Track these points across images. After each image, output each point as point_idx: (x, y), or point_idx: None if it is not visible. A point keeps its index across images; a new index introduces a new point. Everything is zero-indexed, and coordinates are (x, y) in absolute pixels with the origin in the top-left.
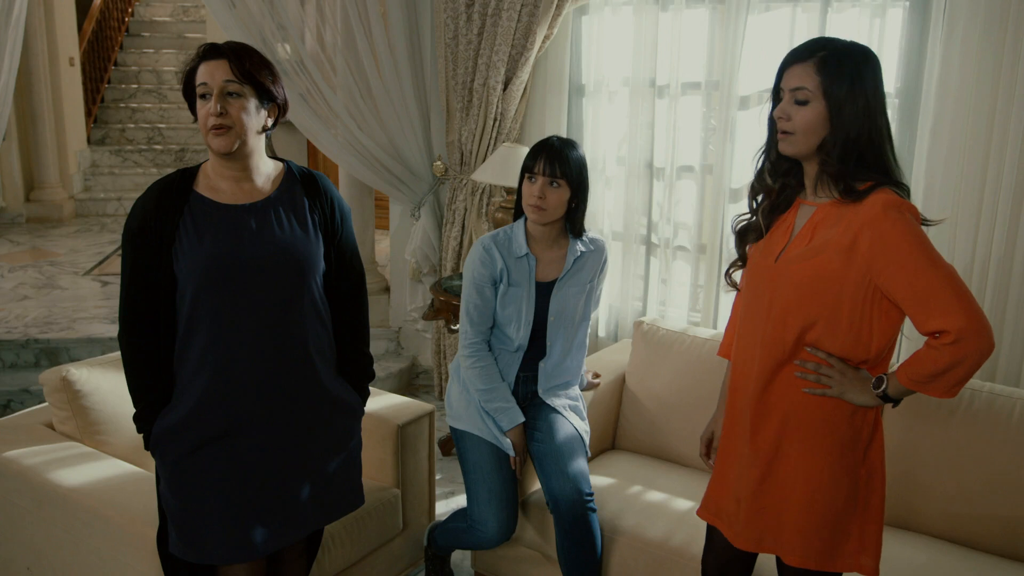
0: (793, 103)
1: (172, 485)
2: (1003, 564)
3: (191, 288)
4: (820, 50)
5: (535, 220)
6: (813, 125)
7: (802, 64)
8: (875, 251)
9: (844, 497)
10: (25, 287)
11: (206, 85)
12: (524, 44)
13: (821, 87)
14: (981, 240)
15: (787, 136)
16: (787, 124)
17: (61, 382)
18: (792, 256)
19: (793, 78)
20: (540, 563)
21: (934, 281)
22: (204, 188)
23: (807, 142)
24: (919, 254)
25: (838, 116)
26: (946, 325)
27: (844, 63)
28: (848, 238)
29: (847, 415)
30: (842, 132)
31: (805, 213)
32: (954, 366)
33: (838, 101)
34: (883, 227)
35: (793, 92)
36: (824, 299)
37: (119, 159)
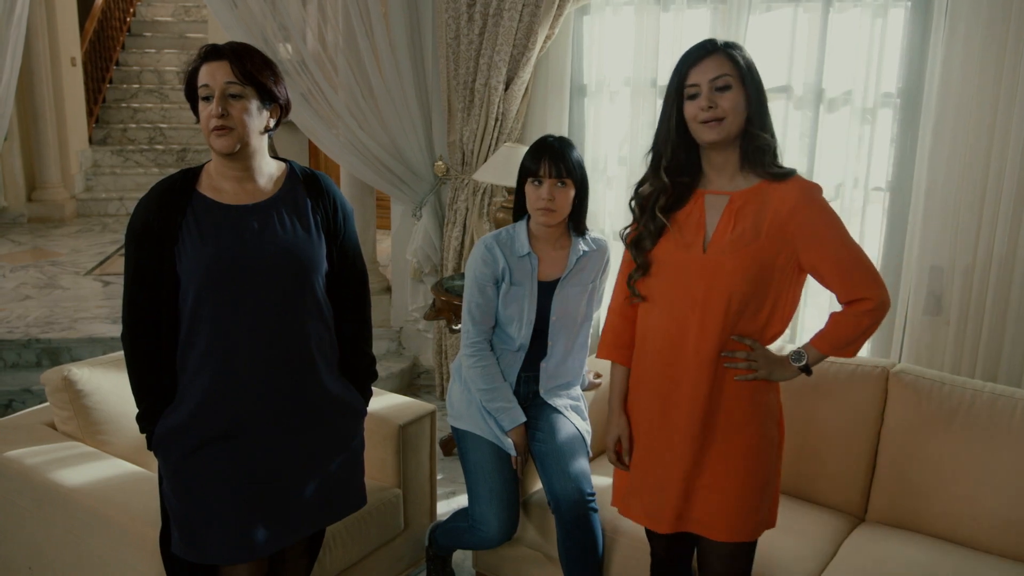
0: (714, 91)
1: (174, 485)
2: (1005, 565)
3: (193, 288)
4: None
5: (545, 223)
6: (739, 107)
7: (712, 56)
8: (804, 232)
9: (771, 468)
10: (27, 287)
11: (208, 87)
12: (525, 44)
13: (736, 71)
14: (983, 240)
15: (718, 123)
16: (716, 111)
17: (62, 382)
18: (724, 245)
19: (709, 70)
20: (541, 563)
21: (853, 256)
22: (207, 188)
23: (737, 123)
24: (840, 233)
25: (752, 97)
26: (867, 294)
27: (742, 52)
28: (778, 221)
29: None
30: (760, 115)
31: (716, 202)
32: (870, 327)
33: (755, 85)
34: (812, 209)
35: (713, 81)
36: (765, 282)
37: (121, 159)
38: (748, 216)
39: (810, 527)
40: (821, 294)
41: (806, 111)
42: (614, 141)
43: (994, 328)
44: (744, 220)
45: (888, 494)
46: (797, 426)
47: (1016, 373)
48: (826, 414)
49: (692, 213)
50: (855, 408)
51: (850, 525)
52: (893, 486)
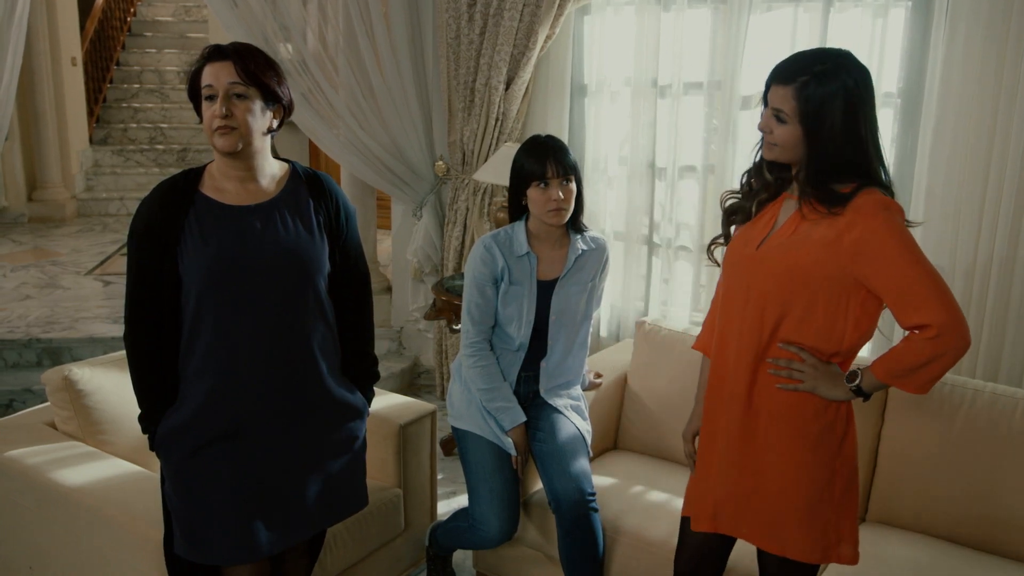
0: (774, 119)
1: (176, 485)
2: (1005, 564)
3: (196, 289)
4: (802, 74)
5: (557, 223)
6: (792, 143)
7: (784, 87)
8: (861, 247)
9: (820, 489)
10: (27, 287)
11: (211, 87)
12: (526, 44)
13: (797, 112)
14: (983, 240)
15: (771, 146)
16: (770, 136)
17: (63, 382)
18: (773, 245)
19: (775, 98)
20: (542, 563)
21: (919, 278)
22: (209, 189)
23: (787, 155)
24: (906, 251)
25: (815, 138)
26: (928, 320)
27: (822, 89)
28: (834, 231)
29: (819, 409)
30: (818, 152)
31: (790, 207)
32: (933, 360)
33: (814, 127)
34: (872, 224)
35: (774, 110)
36: (801, 290)
37: (121, 159)
38: (809, 223)
39: None
40: None
41: None
42: (615, 141)
43: (995, 328)
44: (804, 227)
45: (888, 494)
46: None
47: (1017, 373)
48: None
49: (771, 210)
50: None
51: None
52: (894, 486)
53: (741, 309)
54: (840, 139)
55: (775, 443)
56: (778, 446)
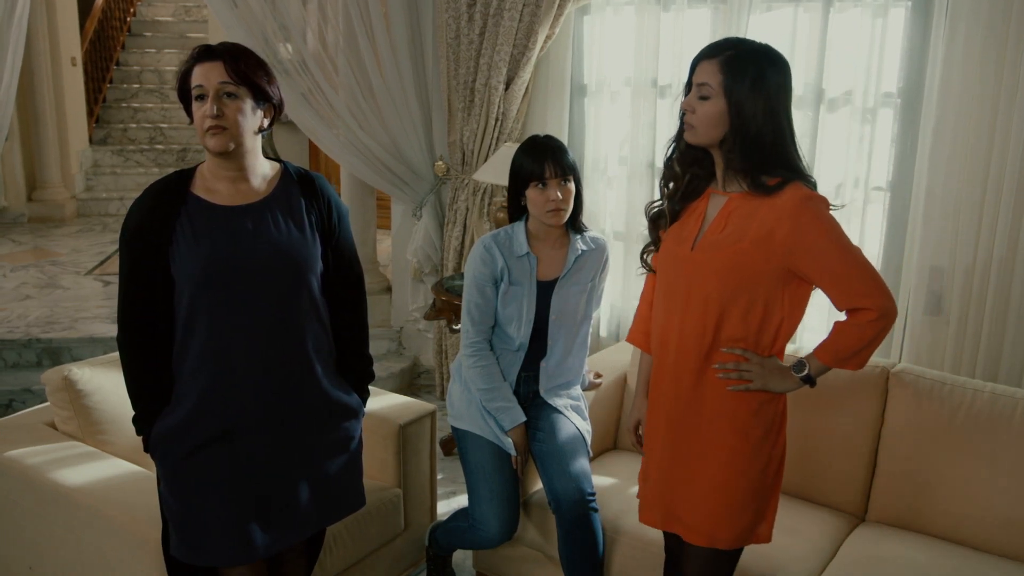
0: (697, 98)
1: (172, 487)
2: (1005, 564)
3: (188, 290)
4: (728, 49)
5: (556, 223)
6: (713, 120)
7: (709, 61)
8: (794, 240)
9: (756, 481)
10: (27, 287)
11: (202, 87)
12: (526, 44)
13: (723, 85)
14: (983, 240)
15: (690, 128)
16: (691, 117)
17: (63, 382)
18: (708, 244)
19: (700, 73)
20: (542, 563)
21: (851, 265)
22: (200, 190)
23: (707, 135)
24: (836, 243)
25: (737, 115)
26: (868, 303)
27: (748, 65)
28: (765, 229)
29: (761, 404)
30: (741, 130)
31: (717, 203)
32: (874, 339)
33: (738, 100)
34: (802, 219)
35: (699, 87)
36: (742, 286)
37: (121, 159)
38: (738, 219)
39: (810, 527)
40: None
41: (806, 111)
42: (614, 141)
43: (994, 328)
44: (734, 223)
45: (888, 494)
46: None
47: (1016, 373)
48: (826, 414)
49: (696, 209)
50: (855, 408)
51: (850, 525)
52: (893, 486)
53: (683, 308)
54: (761, 118)
55: (714, 439)
56: (718, 442)
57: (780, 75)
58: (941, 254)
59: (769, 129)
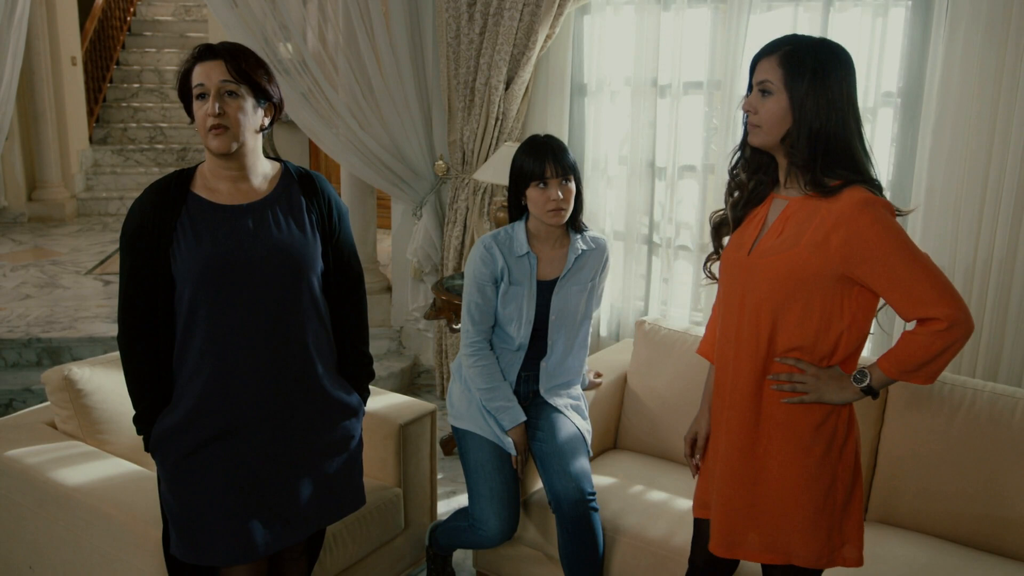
0: (759, 95)
1: (172, 486)
2: (1005, 564)
3: (189, 289)
4: (786, 45)
5: (557, 223)
6: (777, 116)
7: (768, 58)
8: (852, 246)
9: (823, 496)
10: (27, 286)
11: (203, 86)
12: (526, 43)
13: (783, 79)
14: (983, 240)
15: (755, 128)
16: (754, 117)
17: (63, 381)
18: (764, 249)
19: (761, 71)
20: (542, 562)
21: (917, 272)
22: (201, 189)
23: (772, 133)
24: (898, 249)
25: (800, 108)
26: (936, 312)
27: (807, 57)
28: (822, 233)
29: (822, 417)
30: (805, 124)
31: (777, 207)
32: (943, 352)
33: (799, 93)
34: (860, 223)
35: (759, 84)
36: (796, 292)
37: (121, 158)
38: (796, 223)
39: None
40: None
41: None
42: (615, 141)
43: (994, 328)
44: (791, 227)
45: (888, 493)
46: None
47: (1016, 372)
48: None
49: (758, 213)
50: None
51: None
52: (893, 485)
53: (738, 315)
54: (825, 111)
55: (777, 452)
56: (780, 455)
57: (841, 67)
58: (941, 253)
59: (833, 122)
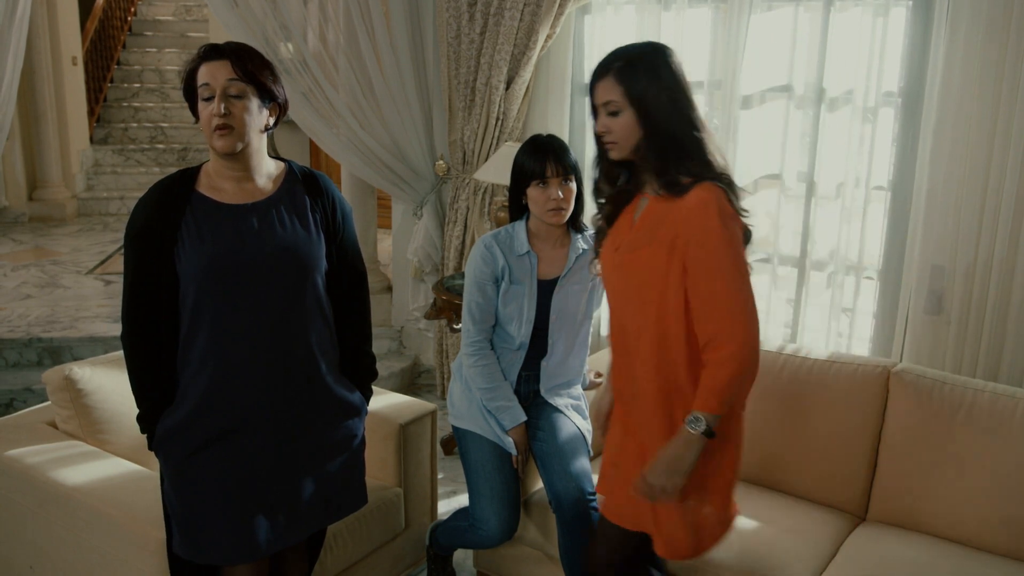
0: (608, 116)
1: (175, 485)
2: (1006, 564)
3: (193, 288)
4: (615, 61)
5: (557, 222)
6: (629, 130)
7: (603, 80)
8: (689, 247)
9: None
10: (28, 286)
11: (208, 86)
12: (526, 43)
13: (624, 95)
14: (984, 239)
15: (612, 146)
16: (609, 136)
17: (64, 381)
18: (629, 246)
19: (600, 94)
20: (542, 562)
21: (718, 290)
22: (206, 188)
23: (628, 145)
24: (717, 255)
25: (647, 116)
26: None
27: (639, 66)
28: (672, 232)
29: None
30: (653, 128)
31: (641, 206)
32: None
33: (643, 103)
34: (694, 225)
35: (605, 107)
36: (652, 289)
37: (122, 158)
38: (652, 222)
39: (810, 527)
40: (822, 293)
41: (807, 110)
42: None
43: (995, 328)
44: (650, 225)
45: (889, 494)
46: (798, 425)
47: (1017, 373)
48: (827, 413)
49: (628, 212)
50: (856, 407)
51: (851, 525)
52: (894, 486)
53: (615, 309)
54: (667, 108)
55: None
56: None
57: (670, 63)
58: (942, 253)
59: (677, 118)
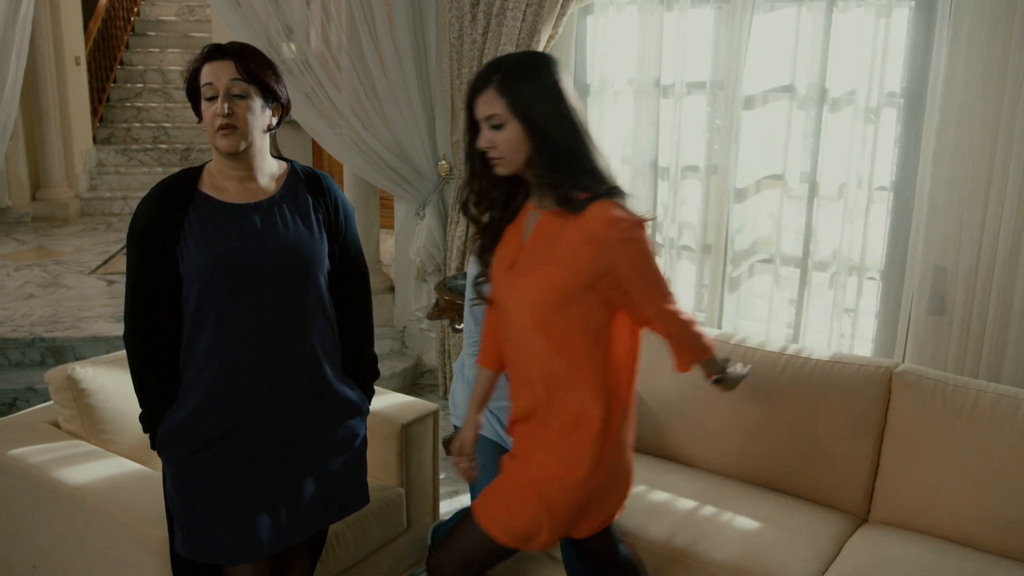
0: (491, 130)
1: (178, 484)
2: (1009, 565)
3: (196, 287)
4: (495, 73)
5: None
6: (516, 143)
7: (484, 93)
8: (600, 263)
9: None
10: (31, 286)
11: (211, 86)
12: (529, 44)
13: (508, 107)
14: (986, 240)
15: (499, 161)
16: (495, 151)
17: (66, 380)
18: (523, 267)
19: (482, 108)
20: (544, 563)
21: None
22: (208, 188)
23: (516, 160)
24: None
25: (534, 128)
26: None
27: (521, 77)
28: (572, 249)
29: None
30: (542, 139)
31: (532, 220)
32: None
33: (527, 113)
34: (609, 240)
35: (487, 120)
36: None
37: (125, 158)
38: (547, 239)
39: (813, 527)
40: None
41: (809, 111)
42: (618, 141)
43: (998, 328)
44: (543, 242)
45: (891, 494)
46: (801, 426)
47: (1020, 373)
48: (829, 414)
49: (517, 227)
50: (858, 408)
51: (853, 525)
52: (896, 486)
53: (512, 331)
54: (554, 119)
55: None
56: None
57: (552, 71)
58: (944, 254)
59: (567, 130)
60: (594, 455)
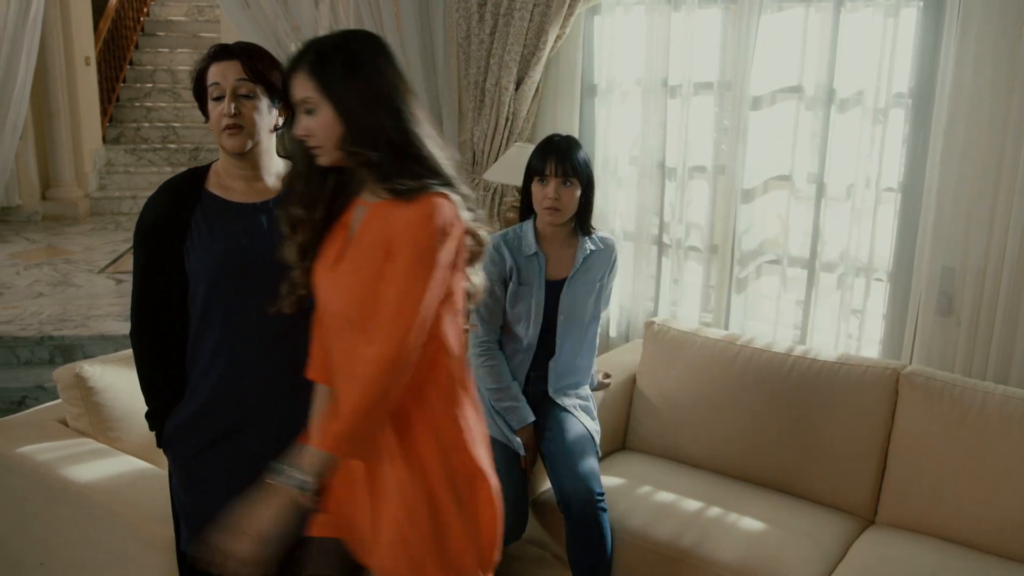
0: (305, 114)
1: (184, 482)
2: (1018, 568)
3: (203, 286)
4: (309, 54)
5: (551, 221)
6: (330, 129)
7: (296, 75)
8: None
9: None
10: (40, 284)
11: (218, 86)
12: (536, 44)
13: (319, 90)
14: (995, 241)
15: (318, 150)
16: (312, 140)
17: (75, 379)
18: (347, 264)
19: (296, 91)
20: (549, 563)
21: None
22: (215, 187)
23: (332, 147)
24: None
25: (347, 112)
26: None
27: (334, 58)
28: (384, 244)
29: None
30: (356, 126)
31: (359, 214)
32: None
33: (340, 97)
34: (403, 237)
35: (301, 105)
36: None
37: (134, 158)
38: (372, 233)
39: (819, 529)
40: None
41: (817, 111)
42: (625, 141)
43: (1006, 330)
44: (368, 237)
45: (898, 496)
46: (807, 427)
47: None
48: (836, 415)
49: (344, 222)
50: (866, 409)
51: (860, 527)
52: (903, 488)
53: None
54: (372, 103)
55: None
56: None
57: (375, 55)
58: (952, 255)
59: (385, 114)
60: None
